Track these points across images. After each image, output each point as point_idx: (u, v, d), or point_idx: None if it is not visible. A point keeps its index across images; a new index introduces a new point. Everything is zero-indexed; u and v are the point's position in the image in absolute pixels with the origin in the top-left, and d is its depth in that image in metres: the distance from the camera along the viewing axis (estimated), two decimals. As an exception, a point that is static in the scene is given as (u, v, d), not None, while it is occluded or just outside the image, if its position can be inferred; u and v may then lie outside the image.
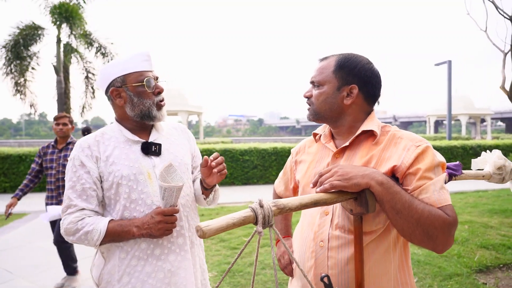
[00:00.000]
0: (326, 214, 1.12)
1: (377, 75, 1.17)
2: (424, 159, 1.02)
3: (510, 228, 5.11)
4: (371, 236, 1.06)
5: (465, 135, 26.89)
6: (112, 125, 1.47)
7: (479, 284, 3.30)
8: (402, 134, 1.10)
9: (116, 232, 1.29)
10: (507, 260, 3.81)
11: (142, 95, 1.38)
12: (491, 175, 1.45)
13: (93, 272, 1.41)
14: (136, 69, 1.37)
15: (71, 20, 12.99)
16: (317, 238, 1.11)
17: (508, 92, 3.17)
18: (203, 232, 0.73)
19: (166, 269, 1.34)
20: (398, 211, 0.94)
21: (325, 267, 1.08)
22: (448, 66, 15.51)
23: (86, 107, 14.74)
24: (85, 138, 1.41)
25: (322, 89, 1.17)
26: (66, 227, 1.31)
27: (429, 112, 28.88)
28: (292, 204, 0.86)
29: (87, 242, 1.30)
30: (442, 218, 0.94)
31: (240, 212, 0.79)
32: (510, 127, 62.32)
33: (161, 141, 1.45)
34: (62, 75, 13.46)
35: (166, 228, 1.29)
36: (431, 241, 0.95)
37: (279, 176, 1.53)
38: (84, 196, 1.33)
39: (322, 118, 1.19)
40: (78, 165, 1.35)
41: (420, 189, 0.99)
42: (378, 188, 0.95)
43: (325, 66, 1.18)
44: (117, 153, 1.37)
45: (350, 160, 1.13)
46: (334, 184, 0.95)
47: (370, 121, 1.15)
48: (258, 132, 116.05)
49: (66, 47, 13.41)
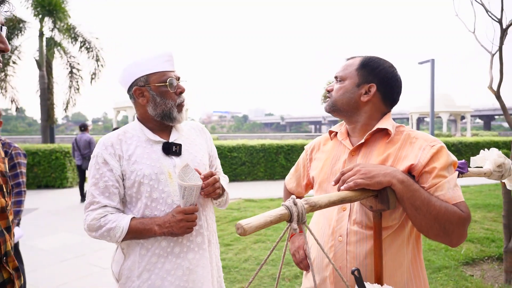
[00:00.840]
0: (343, 210, 1.17)
1: (398, 79, 1.22)
2: (439, 158, 1.08)
3: (493, 222, 5.33)
4: (388, 231, 1.12)
5: (446, 132, 27.62)
6: (134, 124, 1.49)
7: (467, 276, 3.44)
8: (417, 134, 1.16)
9: (138, 230, 1.32)
10: (491, 253, 3.97)
11: (164, 95, 1.40)
12: (492, 172, 1.54)
13: (113, 268, 1.43)
14: (159, 69, 1.39)
15: (55, 14, 12.69)
16: (335, 233, 1.16)
17: (495, 92, 3.30)
18: (244, 230, 0.77)
19: (184, 266, 1.37)
20: (417, 208, 1.00)
21: (344, 260, 1.13)
22: (431, 64, 15.85)
23: (70, 103, 14.44)
24: (107, 136, 1.43)
25: (343, 83, 1.23)
26: (89, 223, 1.34)
27: (412, 109, 29.49)
28: (322, 201, 0.91)
29: (109, 239, 1.33)
30: (458, 214, 1.00)
31: (276, 210, 0.83)
32: (487, 124, 64.30)
33: (181, 141, 1.48)
34: (45, 70, 13.14)
35: (187, 227, 1.32)
36: (447, 236, 1.01)
37: (290, 172, 1.57)
38: (106, 193, 1.36)
39: (338, 110, 1.25)
40: (101, 163, 1.37)
41: (435, 186, 1.05)
42: (399, 186, 1.00)
43: (350, 63, 1.25)
44: (139, 152, 1.39)
45: (366, 158, 1.18)
46: (358, 182, 1.00)
47: (386, 121, 1.20)
48: (243, 128, 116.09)
49: (49, 41, 13.09)
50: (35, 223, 5.89)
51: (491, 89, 3.31)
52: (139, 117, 1.49)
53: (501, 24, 3.13)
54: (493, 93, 3.30)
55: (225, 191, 1.55)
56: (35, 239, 5.00)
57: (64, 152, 9.50)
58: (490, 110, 58.65)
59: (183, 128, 1.54)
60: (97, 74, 14.19)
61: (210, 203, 1.52)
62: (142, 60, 1.41)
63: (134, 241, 1.38)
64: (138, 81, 1.41)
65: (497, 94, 3.28)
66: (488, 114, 60.92)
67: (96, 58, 14.02)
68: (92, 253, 4.40)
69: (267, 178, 10.69)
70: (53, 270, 3.94)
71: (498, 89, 3.27)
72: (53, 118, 14.07)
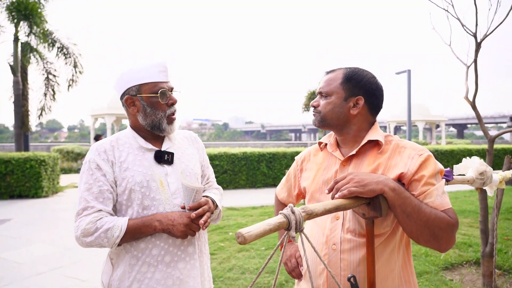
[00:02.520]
0: (337, 219, 1.19)
1: (381, 88, 1.27)
2: (428, 166, 1.12)
3: (469, 227, 5.50)
4: (380, 239, 1.14)
5: (422, 140, 28.42)
6: (127, 131, 1.48)
7: (446, 281, 3.53)
8: (405, 143, 1.20)
9: (138, 227, 1.30)
10: (469, 258, 4.10)
11: (155, 105, 1.40)
12: (474, 180, 1.60)
13: (103, 279, 1.40)
14: (151, 80, 1.39)
15: (31, 18, 12.35)
16: (329, 242, 1.17)
17: (471, 102, 3.43)
18: (244, 238, 0.76)
19: (175, 276, 1.35)
20: (408, 214, 1.03)
21: (338, 269, 1.14)
22: (408, 75, 16.37)
23: (45, 110, 14.01)
24: (100, 143, 1.41)
25: (330, 99, 1.25)
26: (84, 228, 1.29)
27: (389, 118, 30.26)
28: (318, 209, 0.92)
29: (107, 241, 1.29)
30: (447, 220, 1.04)
31: (274, 219, 0.84)
32: (461, 133, 66.73)
33: (173, 150, 1.47)
34: (20, 76, 12.73)
35: (188, 233, 1.32)
36: (436, 241, 1.05)
37: (281, 182, 1.58)
38: (101, 199, 1.33)
39: (328, 125, 1.27)
40: (95, 168, 1.35)
41: (425, 194, 1.08)
42: (391, 193, 1.03)
43: (333, 78, 1.26)
44: (131, 159, 1.38)
45: (357, 168, 1.20)
46: (351, 191, 1.02)
47: (375, 131, 1.24)
48: (224, 136, 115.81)
49: (24, 46, 12.72)
50: (8, 234, 5.64)
51: (467, 100, 3.45)
52: (132, 125, 1.48)
53: (475, 38, 3.28)
54: (469, 103, 3.44)
55: (218, 207, 1.55)
56: (8, 251, 4.79)
57: (39, 160, 9.18)
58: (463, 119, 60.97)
59: (176, 137, 1.54)
60: (75, 80, 13.87)
61: None
62: (136, 68, 1.40)
63: (124, 250, 1.36)
64: (130, 90, 1.40)
65: (473, 104, 3.42)
66: (461, 123, 63.30)
67: (74, 64, 13.72)
68: (70, 265, 4.25)
69: (249, 186, 10.68)
70: (28, 284, 3.77)
71: (473, 100, 3.40)
72: (28, 125, 13.61)
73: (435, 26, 3.93)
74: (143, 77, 1.38)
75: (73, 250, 4.75)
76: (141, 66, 1.40)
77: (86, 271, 4.03)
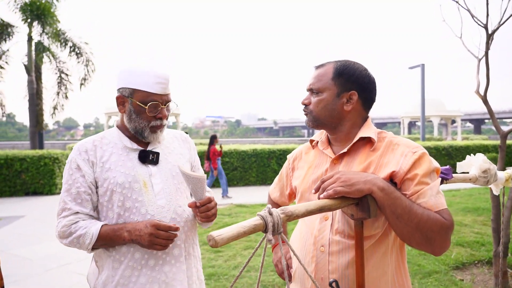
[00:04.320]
0: (325, 219, 1.14)
1: (373, 81, 1.20)
2: (421, 165, 1.05)
3: (483, 225, 5.35)
4: (371, 241, 1.09)
5: (437, 135, 27.87)
6: (112, 130, 1.44)
7: (456, 281, 3.43)
8: (399, 140, 1.13)
9: (108, 236, 1.28)
10: (481, 257, 3.98)
11: (140, 114, 1.35)
12: (477, 178, 1.52)
13: (89, 280, 1.39)
14: (146, 89, 1.32)
15: (43, 18, 12.57)
16: (317, 243, 1.13)
17: (482, 96, 3.31)
18: (215, 241, 0.73)
19: (160, 280, 1.32)
20: (398, 216, 0.97)
21: (326, 271, 1.09)
22: (421, 69, 16.04)
23: (57, 108, 14.26)
24: (83, 142, 1.39)
25: (322, 96, 1.18)
26: (60, 230, 1.31)
27: (403, 113, 29.74)
28: (299, 211, 0.87)
29: (79, 246, 1.29)
30: (440, 222, 0.97)
31: (250, 221, 0.79)
32: (478, 128, 65.16)
33: (160, 149, 1.43)
34: (34, 75, 12.99)
35: (156, 243, 1.25)
36: (429, 244, 0.99)
37: (274, 181, 1.54)
38: (78, 200, 1.31)
39: (321, 124, 1.21)
40: (75, 168, 1.33)
41: (418, 194, 1.02)
42: (379, 193, 0.97)
43: (323, 73, 1.20)
44: (114, 160, 1.35)
45: (348, 166, 1.15)
46: (337, 190, 0.97)
47: (367, 128, 1.17)
48: (236, 133, 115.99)
49: (37, 46, 12.95)
50: (21, 231, 5.76)
51: (478, 94, 3.32)
52: (119, 123, 1.45)
53: (486, 29, 3.15)
54: (480, 97, 3.32)
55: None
56: (20, 248, 4.89)
57: (53, 158, 9.35)
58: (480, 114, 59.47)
59: (165, 136, 1.49)
60: (87, 79, 14.07)
61: (189, 213, 1.45)
62: (136, 71, 1.34)
63: (105, 253, 1.33)
64: (124, 90, 1.36)
65: (484, 98, 3.30)
66: (478, 118, 61.77)
67: (86, 63, 13.91)
68: (77, 262, 4.30)
69: (259, 183, 10.65)
70: (37, 280, 3.84)
71: (485, 94, 3.28)
72: (42, 123, 13.89)
73: (445, 19, 3.81)
74: (139, 83, 1.33)
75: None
76: (142, 70, 1.34)
77: (94, 267, 4.08)
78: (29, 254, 4.64)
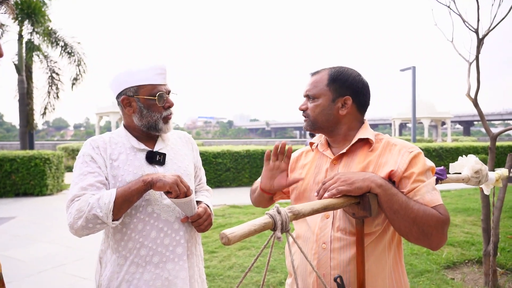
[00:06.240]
0: (327, 217, 1.18)
1: (367, 86, 1.27)
2: (417, 163, 1.11)
3: (473, 225, 5.46)
4: (371, 238, 1.14)
5: (428, 137, 28.25)
6: (120, 130, 1.48)
7: (448, 280, 3.51)
8: (396, 141, 1.20)
9: (126, 192, 1.25)
10: (471, 256, 4.07)
11: (151, 108, 1.40)
12: (470, 178, 1.58)
13: (96, 278, 1.42)
14: (150, 82, 1.38)
15: (34, 17, 12.42)
16: (319, 240, 1.17)
17: (473, 99, 3.40)
18: (228, 239, 0.76)
19: (163, 277, 1.35)
20: (395, 211, 1.03)
21: (328, 268, 1.14)
22: (412, 71, 16.26)
23: (48, 108, 14.09)
24: (94, 138, 1.42)
25: (318, 101, 1.24)
26: (77, 209, 1.24)
27: (394, 115, 30.08)
28: (305, 210, 0.91)
29: (100, 211, 1.21)
30: (436, 217, 1.03)
31: (260, 219, 0.83)
32: (467, 130, 66.20)
33: (166, 150, 1.46)
34: (25, 75, 12.82)
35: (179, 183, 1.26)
36: (426, 239, 1.04)
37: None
38: (94, 187, 1.30)
39: (319, 128, 1.27)
40: (90, 161, 1.35)
41: (414, 191, 1.08)
42: (377, 190, 1.03)
43: (318, 80, 1.26)
44: (123, 159, 1.38)
45: (348, 166, 1.20)
46: (339, 189, 1.02)
47: (365, 130, 1.24)
48: (228, 134, 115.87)
49: (28, 45, 12.79)
50: (12, 232, 5.70)
51: (469, 97, 3.41)
52: (126, 124, 1.48)
53: (477, 34, 3.24)
54: (471, 100, 3.40)
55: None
56: (12, 249, 4.84)
57: (44, 158, 9.25)
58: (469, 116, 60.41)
59: (170, 137, 1.53)
60: (79, 79, 13.95)
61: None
62: (134, 69, 1.39)
63: (110, 249, 1.36)
64: (127, 91, 1.40)
65: (475, 101, 3.38)
66: (467, 120, 62.75)
67: (77, 63, 13.78)
68: (71, 263, 4.28)
69: (252, 184, 10.64)
70: (31, 282, 3.81)
71: (475, 97, 3.37)
72: (33, 123, 13.72)
73: (437, 23, 3.90)
74: (141, 79, 1.38)
75: (75, 248, 4.79)
76: (139, 68, 1.39)
77: (87, 269, 4.06)
78: (21, 255, 4.60)
